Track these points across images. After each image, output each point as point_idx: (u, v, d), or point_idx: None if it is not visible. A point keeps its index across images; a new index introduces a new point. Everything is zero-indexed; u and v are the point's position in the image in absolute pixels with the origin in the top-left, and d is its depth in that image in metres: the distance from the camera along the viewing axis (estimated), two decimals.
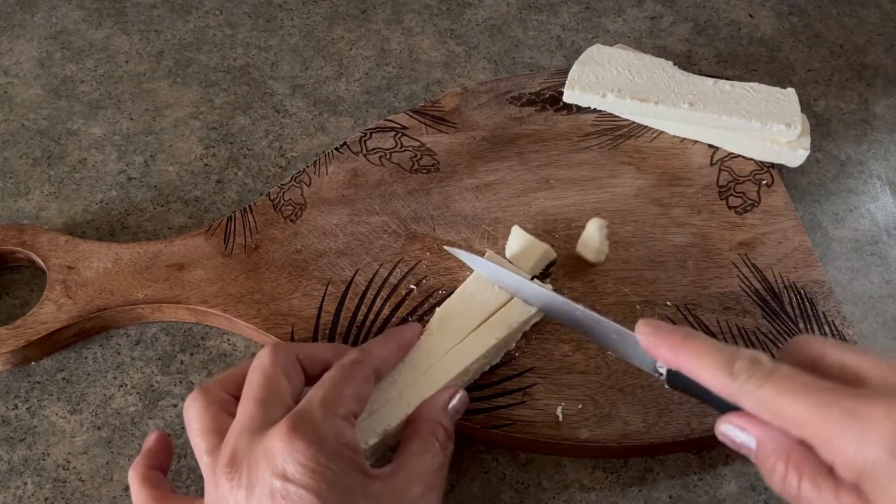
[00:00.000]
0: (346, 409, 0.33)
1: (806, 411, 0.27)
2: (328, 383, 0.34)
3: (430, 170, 0.52)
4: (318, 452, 0.30)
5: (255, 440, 0.31)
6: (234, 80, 0.60)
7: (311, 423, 0.31)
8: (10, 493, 0.40)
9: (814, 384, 0.27)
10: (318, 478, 0.30)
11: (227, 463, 0.31)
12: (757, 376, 0.28)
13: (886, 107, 0.61)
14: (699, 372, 0.30)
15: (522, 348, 0.43)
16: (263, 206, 0.50)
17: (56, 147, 0.55)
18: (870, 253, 0.51)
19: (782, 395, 0.27)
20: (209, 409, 0.34)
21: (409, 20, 0.66)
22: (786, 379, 0.28)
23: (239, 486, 0.30)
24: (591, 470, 0.41)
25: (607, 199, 0.50)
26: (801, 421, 0.27)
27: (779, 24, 0.67)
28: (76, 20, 0.64)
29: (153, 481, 0.35)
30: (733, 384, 0.29)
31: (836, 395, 0.26)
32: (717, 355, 0.30)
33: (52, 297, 0.44)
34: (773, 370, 0.28)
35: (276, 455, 0.30)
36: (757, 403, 0.28)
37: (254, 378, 0.34)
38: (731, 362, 0.29)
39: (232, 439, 0.32)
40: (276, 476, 0.30)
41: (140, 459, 0.36)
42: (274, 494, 0.29)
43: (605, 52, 0.55)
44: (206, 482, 0.33)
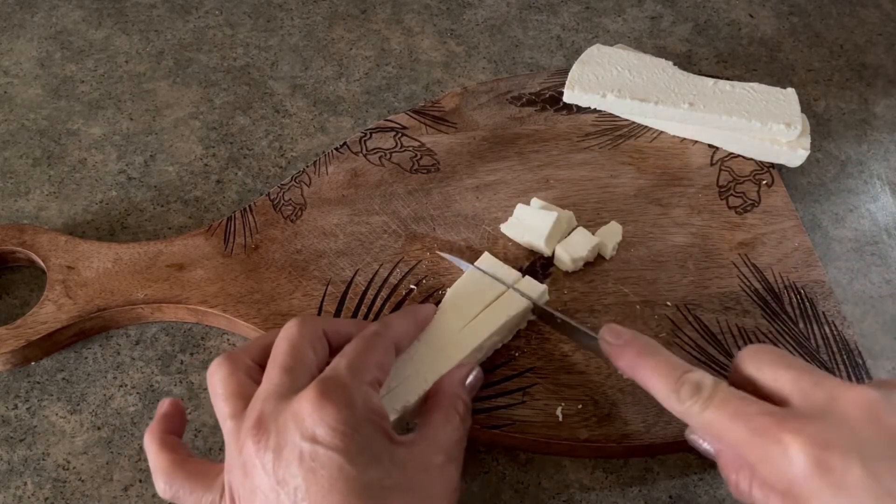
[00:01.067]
0: (372, 377, 0.33)
1: (739, 435, 0.30)
2: (353, 352, 0.34)
3: (430, 170, 0.52)
4: (348, 416, 0.30)
5: (283, 405, 0.31)
6: (234, 80, 0.60)
7: (340, 387, 0.31)
8: (10, 493, 0.40)
9: (743, 410, 0.30)
10: (348, 441, 0.30)
11: (254, 425, 0.31)
12: (700, 402, 0.31)
13: (886, 107, 0.61)
14: (652, 390, 0.33)
15: (522, 348, 0.43)
16: (263, 206, 0.50)
17: (56, 147, 0.55)
18: (870, 253, 0.51)
19: (720, 419, 0.30)
20: (234, 374, 0.34)
21: (409, 20, 0.66)
22: (722, 404, 0.31)
23: (266, 448, 0.30)
24: (591, 470, 0.41)
25: (607, 199, 0.50)
26: (736, 443, 0.30)
27: (779, 24, 0.67)
28: (76, 20, 0.64)
29: (171, 445, 0.35)
30: (680, 408, 0.32)
31: (759, 420, 0.29)
32: (666, 379, 0.33)
33: (52, 297, 0.44)
34: (712, 396, 0.31)
35: (306, 418, 0.30)
36: (702, 425, 0.31)
37: (281, 347, 0.34)
38: (678, 387, 0.32)
39: (258, 404, 0.32)
40: (306, 439, 0.30)
41: (156, 424, 0.36)
42: (303, 457, 0.30)
43: (605, 52, 0.55)
44: (228, 446, 0.33)
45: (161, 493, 0.34)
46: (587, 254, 0.46)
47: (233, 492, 0.32)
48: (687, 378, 0.32)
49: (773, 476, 0.29)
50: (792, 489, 0.28)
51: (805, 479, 0.28)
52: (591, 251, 0.46)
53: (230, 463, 0.32)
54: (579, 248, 0.46)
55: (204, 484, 0.34)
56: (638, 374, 0.34)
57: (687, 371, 0.32)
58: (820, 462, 0.27)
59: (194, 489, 0.34)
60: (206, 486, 0.33)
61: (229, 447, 0.33)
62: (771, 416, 0.29)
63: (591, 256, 0.47)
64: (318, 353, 0.35)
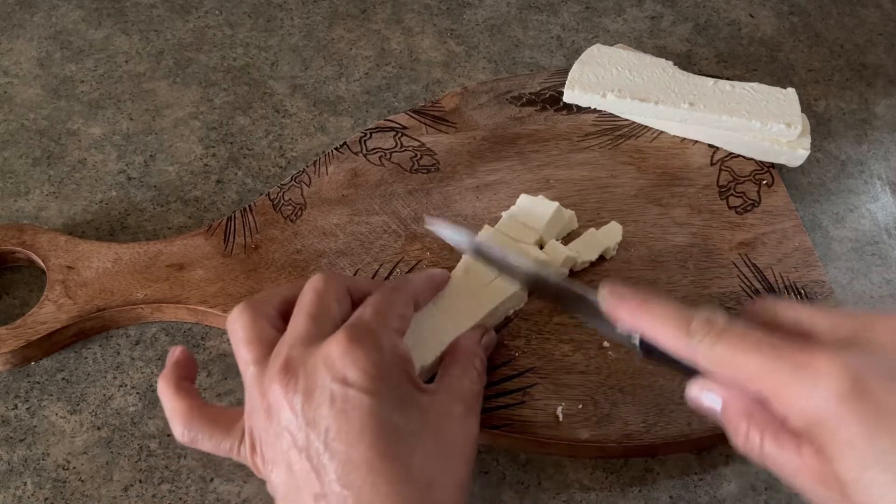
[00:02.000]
0: (397, 325, 0.34)
1: (758, 366, 0.27)
2: (376, 302, 0.35)
3: (430, 170, 0.52)
4: (377, 359, 0.31)
5: (311, 349, 0.32)
6: (234, 80, 0.60)
7: (368, 332, 0.32)
8: (10, 493, 0.40)
9: (765, 340, 0.28)
10: (378, 383, 0.31)
11: (281, 369, 0.31)
12: (712, 334, 0.29)
13: (886, 107, 0.61)
14: (658, 334, 0.31)
15: (522, 348, 0.43)
16: (263, 206, 0.50)
17: (56, 147, 0.55)
18: (870, 253, 0.51)
19: (735, 351, 0.28)
20: (257, 320, 0.34)
21: (409, 20, 0.66)
22: (739, 336, 0.28)
23: (295, 391, 0.31)
24: (591, 470, 0.41)
25: (607, 199, 0.50)
26: (754, 375, 0.27)
27: (779, 24, 0.67)
28: (76, 20, 0.64)
29: (188, 390, 0.36)
30: (690, 343, 0.29)
31: (784, 349, 0.27)
32: (674, 316, 0.30)
33: (52, 297, 0.44)
34: (726, 328, 0.28)
35: (336, 361, 0.31)
36: (713, 360, 0.29)
37: (307, 297, 0.35)
38: (687, 322, 0.29)
39: (284, 348, 0.32)
40: (337, 381, 0.30)
41: (170, 370, 0.36)
42: (334, 398, 0.30)
43: (605, 52, 0.55)
44: (249, 391, 0.33)
45: (179, 437, 0.35)
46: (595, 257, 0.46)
47: (253, 437, 0.32)
48: (697, 313, 0.29)
49: (796, 408, 0.26)
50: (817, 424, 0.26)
51: (836, 406, 0.25)
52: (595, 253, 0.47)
53: (251, 408, 0.33)
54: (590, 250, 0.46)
55: (223, 429, 0.34)
56: (640, 319, 0.31)
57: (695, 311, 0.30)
58: (855, 385, 0.25)
59: (213, 434, 0.34)
60: (226, 431, 0.34)
61: (250, 392, 0.33)
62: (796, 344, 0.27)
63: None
64: (342, 305, 0.35)
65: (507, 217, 0.47)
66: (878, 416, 0.24)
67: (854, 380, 0.25)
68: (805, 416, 0.26)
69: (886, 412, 0.24)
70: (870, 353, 0.26)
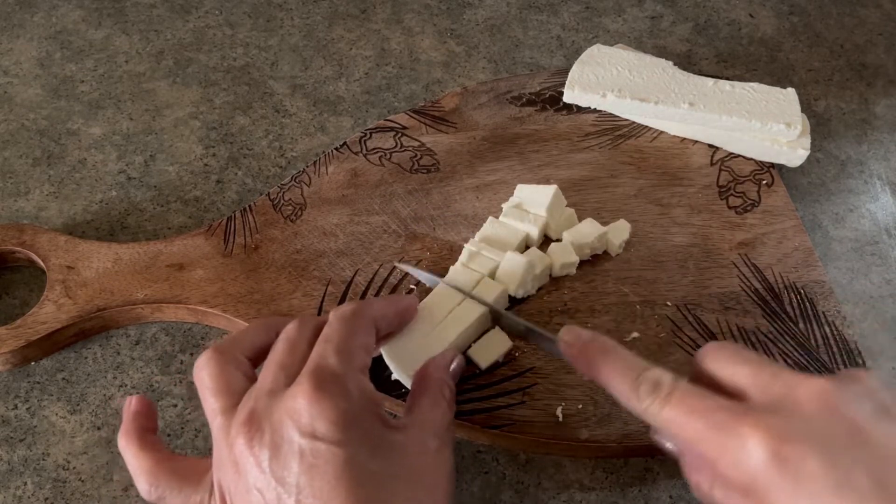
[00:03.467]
0: (361, 362, 0.33)
1: (697, 431, 0.29)
2: (337, 336, 0.33)
3: (430, 170, 0.52)
4: (346, 408, 0.30)
5: (276, 400, 0.31)
6: (234, 80, 0.60)
7: (334, 378, 0.31)
8: (10, 493, 0.40)
9: (702, 406, 0.29)
10: (348, 432, 0.29)
11: (245, 422, 0.30)
12: (658, 400, 0.30)
13: (886, 107, 0.61)
14: (612, 391, 0.33)
15: (522, 348, 0.43)
16: (263, 206, 0.50)
17: (56, 147, 0.55)
18: (870, 253, 0.51)
19: (679, 416, 0.30)
20: (225, 368, 0.33)
21: (409, 20, 0.66)
22: (680, 401, 0.30)
23: (261, 446, 0.30)
24: (591, 470, 0.41)
25: (607, 199, 0.50)
26: (696, 439, 0.29)
27: (779, 24, 0.67)
28: (76, 20, 0.64)
29: (151, 444, 0.34)
30: (640, 406, 0.31)
31: (717, 414, 0.29)
32: (625, 378, 0.32)
33: (52, 297, 0.44)
34: (670, 394, 0.30)
35: (303, 414, 0.29)
36: (661, 423, 0.31)
37: (279, 346, 0.34)
38: (636, 387, 0.31)
39: (250, 401, 0.31)
40: (305, 436, 0.29)
41: (129, 424, 0.35)
42: (304, 453, 0.29)
43: (605, 52, 0.55)
44: (217, 443, 0.32)
45: (145, 496, 0.33)
46: (593, 241, 0.46)
47: (223, 490, 0.31)
48: (645, 376, 0.31)
49: (733, 472, 0.28)
50: (752, 484, 0.28)
51: (764, 473, 0.27)
52: (598, 241, 0.46)
53: (219, 460, 0.31)
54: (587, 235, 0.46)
55: (191, 482, 0.33)
56: (597, 375, 0.33)
57: (645, 369, 0.32)
58: (778, 454, 0.27)
59: (182, 488, 0.33)
60: (194, 484, 0.33)
61: (218, 444, 0.32)
62: (728, 410, 0.29)
63: (600, 248, 0.47)
64: None
65: (507, 208, 0.48)
66: (798, 481, 0.26)
67: (776, 448, 0.27)
68: (742, 478, 0.28)
69: (804, 477, 0.26)
70: (790, 417, 0.28)
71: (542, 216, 0.47)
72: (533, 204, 0.47)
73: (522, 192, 0.48)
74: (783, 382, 0.29)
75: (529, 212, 0.47)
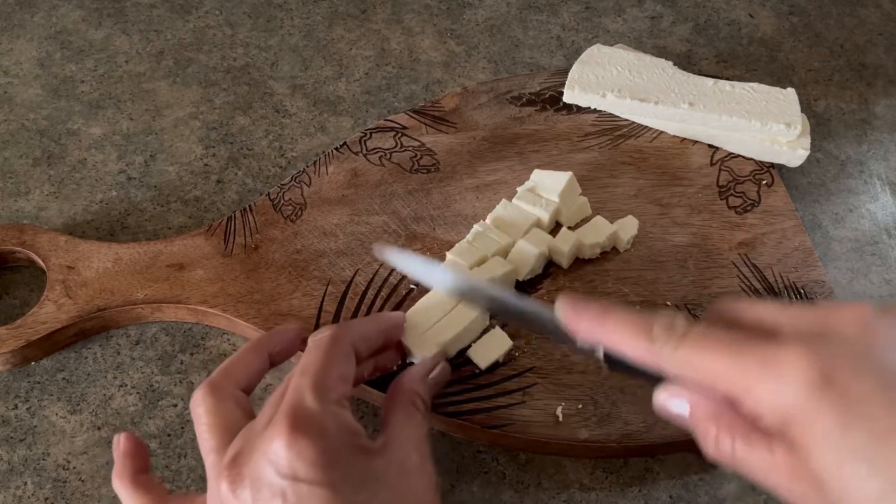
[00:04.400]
0: (338, 394, 0.32)
1: (723, 365, 0.26)
2: (312, 368, 0.32)
3: (430, 170, 0.52)
4: (324, 447, 0.29)
5: (256, 441, 0.30)
6: (234, 80, 0.60)
7: (310, 417, 0.30)
8: (10, 493, 0.40)
9: (728, 338, 0.27)
10: (330, 472, 0.29)
11: (228, 465, 0.30)
12: (674, 338, 0.28)
13: (886, 107, 0.61)
14: (619, 343, 0.30)
15: (522, 348, 0.43)
16: (263, 206, 0.50)
17: (56, 147, 0.55)
18: (870, 253, 0.51)
19: (700, 352, 0.27)
20: (222, 403, 0.33)
21: (409, 20, 0.66)
22: (701, 337, 0.27)
23: (242, 489, 0.30)
24: (591, 470, 0.41)
25: (607, 199, 0.50)
26: (721, 376, 0.27)
27: (779, 24, 0.67)
28: (76, 20, 0.64)
29: (145, 485, 0.34)
30: (653, 349, 0.28)
31: (749, 346, 0.26)
32: (635, 324, 0.29)
33: (52, 297, 0.44)
34: (688, 330, 0.28)
35: (281, 457, 0.29)
36: (678, 364, 0.28)
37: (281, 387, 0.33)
38: (648, 329, 0.29)
39: (239, 441, 0.31)
40: (286, 478, 0.29)
41: (122, 466, 0.35)
42: (286, 496, 0.29)
43: (605, 52, 0.55)
44: (209, 481, 0.32)
45: None
46: (604, 241, 0.47)
47: None
48: (657, 318, 0.29)
49: (767, 405, 0.25)
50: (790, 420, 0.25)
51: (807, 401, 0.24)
52: (609, 239, 0.47)
53: (212, 498, 0.31)
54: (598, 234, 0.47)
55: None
56: (601, 330, 0.30)
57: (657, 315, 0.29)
58: (823, 376, 0.24)
59: None
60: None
61: (210, 482, 0.32)
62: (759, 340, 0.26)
63: (609, 245, 0.47)
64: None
65: (521, 191, 0.48)
66: (849, 406, 0.24)
67: (821, 371, 0.24)
68: (776, 412, 0.25)
69: (856, 401, 0.24)
70: (833, 344, 0.25)
71: (554, 201, 0.47)
72: (546, 189, 0.48)
73: (537, 177, 0.49)
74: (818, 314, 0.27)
75: (542, 196, 0.48)
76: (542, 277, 0.46)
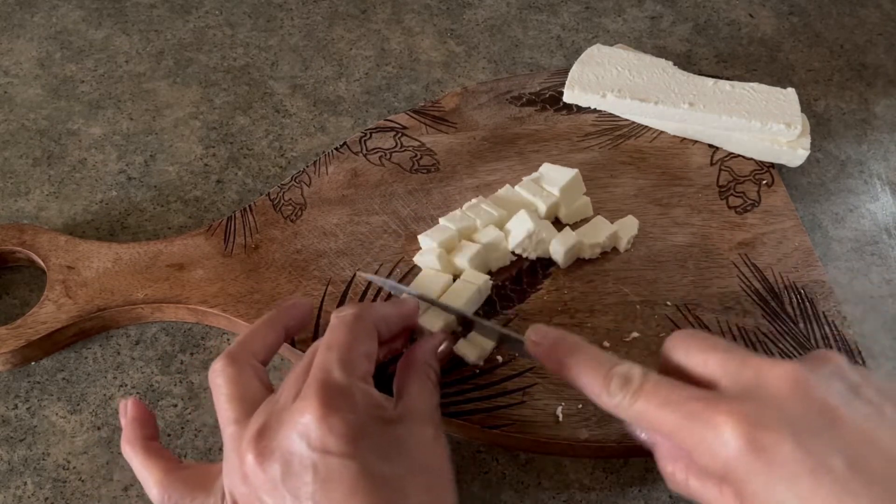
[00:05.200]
0: (363, 370, 0.33)
1: (671, 422, 0.29)
2: (338, 344, 0.33)
3: (430, 170, 0.52)
4: (353, 421, 0.30)
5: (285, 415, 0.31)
6: (234, 80, 0.60)
7: (340, 393, 0.31)
8: (10, 493, 0.40)
9: (674, 396, 0.29)
10: (359, 444, 0.30)
11: (255, 438, 0.30)
12: (630, 394, 0.30)
13: (886, 107, 0.61)
14: (583, 389, 0.32)
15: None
16: (263, 206, 0.50)
17: (56, 147, 0.55)
18: (870, 253, 0.51)
19: (651, 409, 0.30)
20: (241, 375, 0.33)
21: (409, 20, 0.66)
22: (652, 394, 0.30)
23: (271, 462, 0.30)
24: (591, 470, 0.41)
25: (607, 199, 0.50)
26: (670, 431, 0.29)
27: (779, 24, 0.67)
28: (76, 20, 0.64)
29: (157, 451, 0.34)
30: (611, 402, 0.31)
31: (690, 405, 0.29)
32: (596, 375, 0.32)
33: (52, 297, 0.44)
34: (641, 387, 0.30)
35: (312, 430, 0.30)
36: (633, 418, 0.31)
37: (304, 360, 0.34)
38: (607, 382, 0.31)
39: (263, 414, 0.31)
40: (316, 451, 0.29)
41: (131, 431, 0.35)
42: (317, 468, 0.29)
43: (605, 52, 0.55)
44: (228, 451, 0.32)
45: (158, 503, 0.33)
46: (604, 241, 0.47)
47: (235, 497, 0.31)
48: (615, 371, 0.31)
49: (709, 461, 0.28)
50: (728, 473, 0.28)
51: (739, 460, 0.27)
52: (609, 239, 0.47)
53: (230, 469, 0.32)
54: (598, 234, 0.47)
55: (203, 488, 0.33)
56: (567, 374, 0.33)
57: (615, 364, 0.32)
58: (752, 440, 0.27)
59: (195, 495, 0.33)
60: (206, 490, 0.33)
61: (228, 452, 0.32)
62: (701, 399, 0.29)
63: (609, 245, 0.47)
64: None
65: (526, 180, 0.49)
66: (773, 467, 0.26)
67: (749, 436, 0.27)
68: (717, 466, 0.28)
69: (779, 462, 0.26)
70: (763, 403, 0.28)
71: (554, 195, 0.48)
72: (550, 182, 0.48)
73: (545, 170, 0.49)
74: (753, 368, 0.29)
75: (545, 188, 0.48)
76: (542, 277, 0.46)
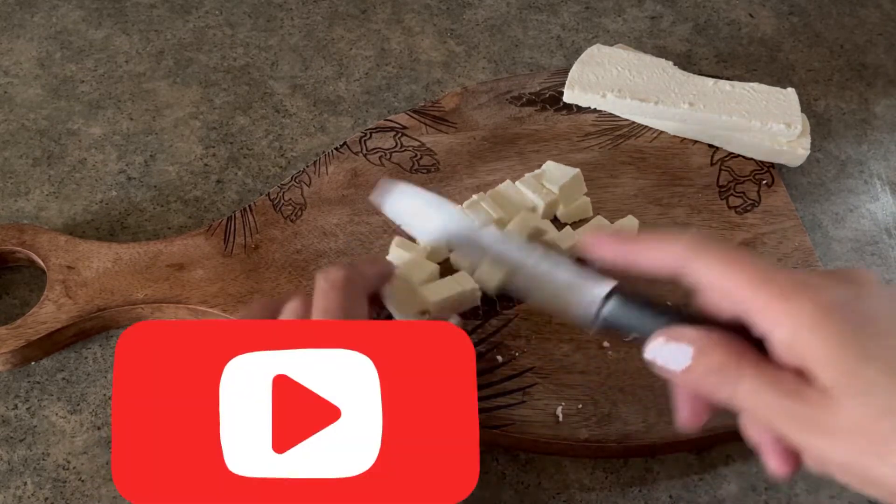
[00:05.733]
0: None
1: (746, 279, 0.27)
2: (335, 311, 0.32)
3: (430, 170, 0.52)
4: None
5: None
6: (234, 80, 0.60)
7: None
8: (10, 493, 0.40)
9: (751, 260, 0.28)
10: None
11: None
12: (703, 248, 0.29)
13: (886, 107, 0.61)
14: (651, 253, 0.30)
15: (522, 348, 0.43)
16: (263, 206, 0.50)
17: (56, 147, 0.55)
18: (870, 253, 0.51)
19: (728, 264, 0.28)
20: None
21: (409, 20, 0.66)
22: (729, 252, 0.28)
23: None
24: (591, 470, 0.41)
25: (607, 199, 0.50)
26: (740, 287, 0.27)
27: (779, 24, 0.67)
28: (76, 20, 0.64)
29: None
30: (685, 253, 0.29)
31: (771, 268, 0.27)
32: (665, 236, 0.30)
33: (52, 297, 0.44)
34: (721, 246, 0.29)
35: None
36: (705, 270, 0.28)
37: None
38: (678, 236, 0.29)
39: None
40: None
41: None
42: None
43: (605, 52, 0.55)
44: None
45: None
46: None
47: None
48: (686, 232, 0.30)
49: (780, 322, 0.26)
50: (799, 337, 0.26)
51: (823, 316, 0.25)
52: None
53: None
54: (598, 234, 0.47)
55: None
56: (631, 247, 0.31)
57: None
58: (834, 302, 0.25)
59: None
60: None
61: None
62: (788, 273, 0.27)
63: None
64: None
65: (528, 176, 0.49)
66: (862, 324, 0.25)
67: (833, 297, 0.26)
68: (788, 330, 0.26)
69: (867, 320, 0.25)
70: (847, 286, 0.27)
71: (553, 193, 0.48)
72: (551, 179, 0.48)
73: (548, 167, 0.49)
74: None
75: (544, 186, 0.48)
76: None
